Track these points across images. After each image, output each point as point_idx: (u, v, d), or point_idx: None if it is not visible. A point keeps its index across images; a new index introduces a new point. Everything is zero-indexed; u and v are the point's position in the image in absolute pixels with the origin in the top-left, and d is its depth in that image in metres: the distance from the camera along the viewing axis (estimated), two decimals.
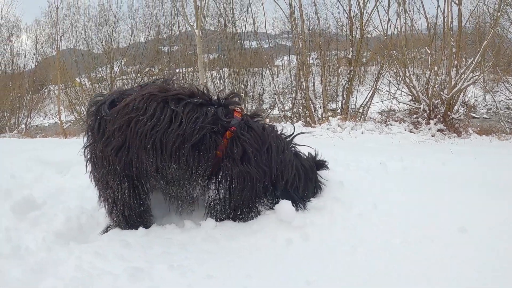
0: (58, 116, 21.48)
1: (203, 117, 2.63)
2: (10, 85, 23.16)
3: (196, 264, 2.30)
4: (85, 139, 2.82)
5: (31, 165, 4.33)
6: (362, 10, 14.62)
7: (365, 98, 15.82)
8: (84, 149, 2.80)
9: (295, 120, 14.67)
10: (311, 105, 15.14)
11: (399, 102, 13.89)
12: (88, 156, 2.78)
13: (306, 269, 2.19)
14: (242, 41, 22.45)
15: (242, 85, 21.28)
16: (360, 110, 15.68)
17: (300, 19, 15.42)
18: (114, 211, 2.80)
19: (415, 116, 11.89)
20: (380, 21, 13.96)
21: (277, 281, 2.10)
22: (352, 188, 3.09)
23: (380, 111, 15.68)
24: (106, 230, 2.84)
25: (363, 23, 14.61)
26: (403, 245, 2.34)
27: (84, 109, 21.41)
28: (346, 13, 15.95)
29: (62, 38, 22.15)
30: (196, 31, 13.76)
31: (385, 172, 3.70)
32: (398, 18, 13.02)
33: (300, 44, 15.57)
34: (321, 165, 3.29)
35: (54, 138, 13.00)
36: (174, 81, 2.90)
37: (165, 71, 23.13)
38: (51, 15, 22.31)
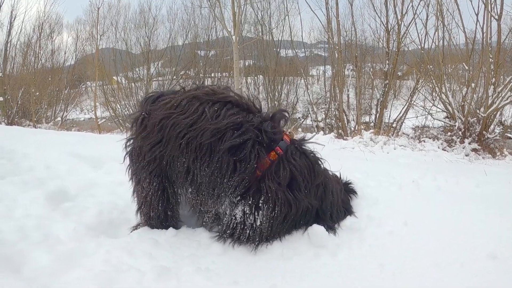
0: (93, 112, 22.06)
1: (248, 121, 2.47)
2: (50, 79, 23.84)
3: (223, 269, 2.30)
4: (129, 132, 2.82)
5: (66, 157, 4.44)
6: (400, 22, 14.42)
7: (399, 113, 15.57)
8: (126, 141, 2.79)
9: (327, 131, 14.57)
10: (344, 117, 15.04)
11: (433, 119, 13.51)
12: (128, 149, 2.76)
13: (332, 284, 2.16)
14: (278, 49, 22.57)
15: (277, 93, 21.32)
16: (394, 125, 15.42)
17: (336, 29, 15.41)
18: (141, 209, 2.79)
19: (449, 134, 11.54)
20: (418, 34, 13.65)
21: None
22: (384, 205, 3.01)
23: (414, 126, 15.30)
24: (136, 227, 2.85)
25: (400, 36, 14.41)
26: (432, 267, 2.26)
27: (119, 107, 21.99)
28: (383, 25, 15.76)
29: (102, 37, 22.70)
30: (234, 37, 13.89)
31: (418, 190, 3.60)
32: (436, 32, 12.67)
33: (336, 55, 15.51)
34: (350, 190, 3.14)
35: (89, 132, 13.35)
36: (228, 88, 2.80)
37: (201, 75, 23.40)
38: (92, 14, 22.99)
